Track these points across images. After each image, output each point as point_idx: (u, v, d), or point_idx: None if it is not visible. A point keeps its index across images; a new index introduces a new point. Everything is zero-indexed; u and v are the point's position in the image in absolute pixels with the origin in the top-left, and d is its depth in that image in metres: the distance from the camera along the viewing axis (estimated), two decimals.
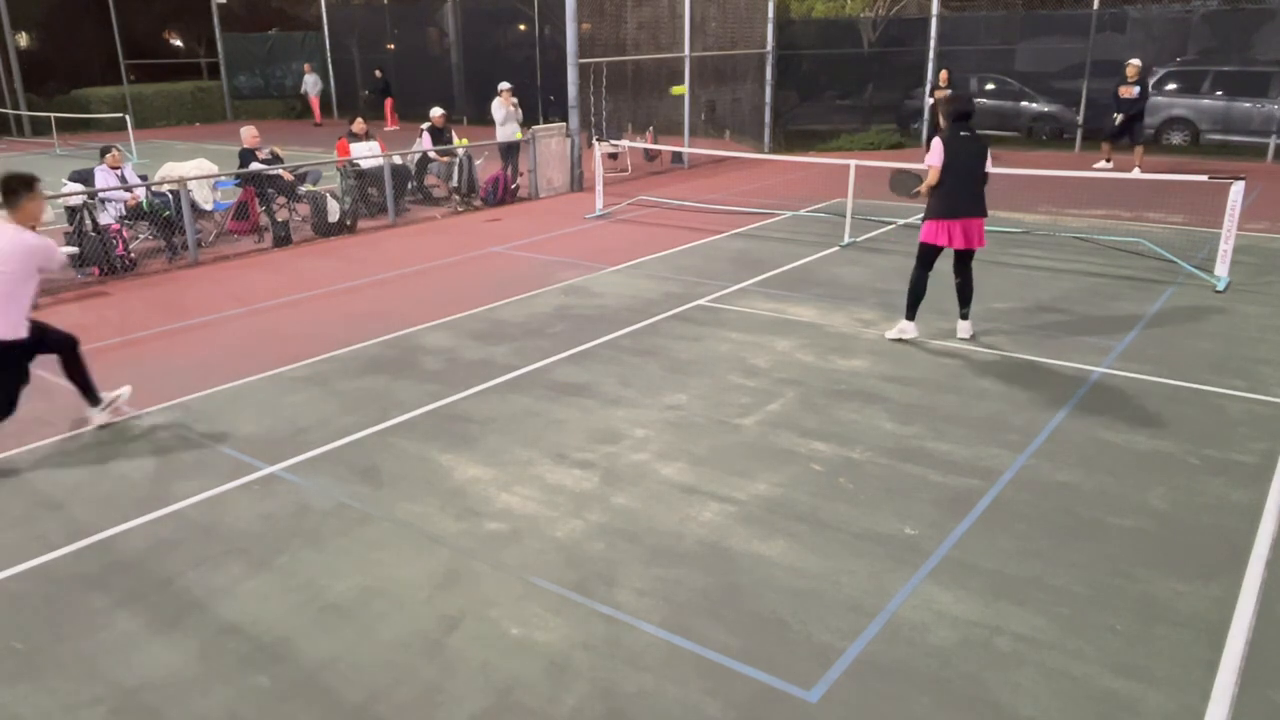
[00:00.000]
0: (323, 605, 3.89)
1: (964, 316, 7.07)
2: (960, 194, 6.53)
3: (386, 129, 22.22)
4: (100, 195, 9.94)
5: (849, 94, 20.45)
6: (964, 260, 6.88)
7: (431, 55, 26.84)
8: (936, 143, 6.57)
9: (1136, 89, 14.14)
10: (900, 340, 6.99)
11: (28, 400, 6.24)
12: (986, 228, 6.86)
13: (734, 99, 18.69)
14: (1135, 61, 14.30)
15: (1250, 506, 4.54)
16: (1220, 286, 8.19)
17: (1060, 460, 5.05)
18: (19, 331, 5.19)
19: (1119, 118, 14.35)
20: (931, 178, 6.55)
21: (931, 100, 16.40)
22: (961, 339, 7.03)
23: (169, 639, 3.69)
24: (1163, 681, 3.34)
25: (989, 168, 6.64)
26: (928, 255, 6.81)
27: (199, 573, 4.14)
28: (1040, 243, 10.21)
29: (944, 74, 16.41)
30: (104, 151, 10.12)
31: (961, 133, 6.57)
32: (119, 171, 10.16)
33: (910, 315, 6.99)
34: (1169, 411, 5.67)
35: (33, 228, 5.18)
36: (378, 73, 25.88)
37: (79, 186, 9.90)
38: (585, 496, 4.77)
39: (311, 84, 26.72)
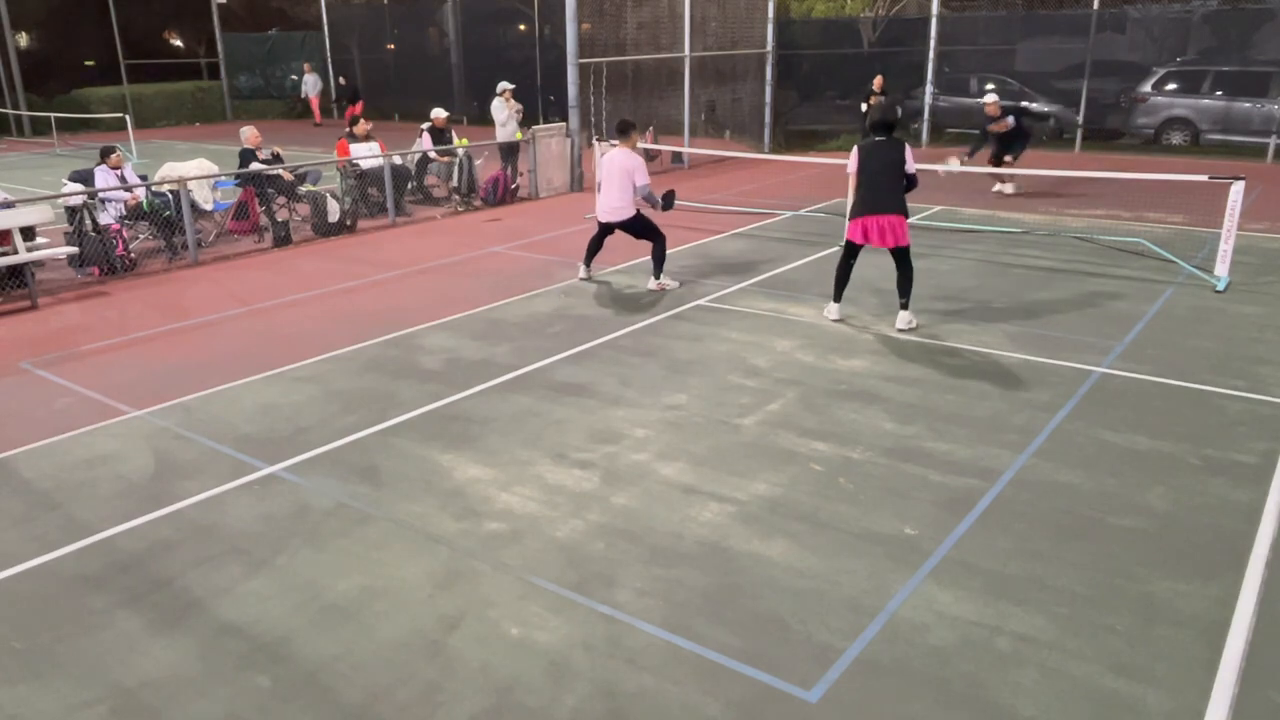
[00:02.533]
0: (323, 605, 3.89)
1: (903, 307, 7.33)
2: (870, 195, 7.10)
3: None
4: (100, 195, 9.94)
5: (849, 94, 20.45)
6: (897, 259, 7.22)
7: (431, 55, 26.84)
8: (853, 151, 7.27)
9: (1010, 119, 12.69)
10: (831, 320, 7.61)
11: (27, 401, 6.25)
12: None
13: (734, 99, 18.70)
14: (992, 98, 12.74)
15: (1250, 506, 4.54)
16: (1220, 286, 8.19)
17: (1060, 460, 5.05)
18: (630, 213, 8.57)
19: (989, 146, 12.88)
20: (850, 183, 7.32)
21: (865, 108, 15.50)
22: (899, 330, 7.25)
23: (169, 639, 3.69)
24: (1163, 681, 3.34)
25: (910, 167, 7.11)
26: (846, 248, 7.49)
27: (199, 573, 4.14)
28: (1040, 243, 10.21)
29: (878, 80, 15.79)
30: (106, 152, 10.12)
31: (877, 138, 7.17)
32: (119, 172, 10.16)
33: (835, 298, 7.66)
34: (1169, 411, 5.67)
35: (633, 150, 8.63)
36: (342, 80, 26.32)
37: (79, 186, 9.90)
38: (585, 496, 4.77)
39: (311, 84, 26.71)
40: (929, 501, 4.64)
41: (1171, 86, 16.96)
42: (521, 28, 24.77)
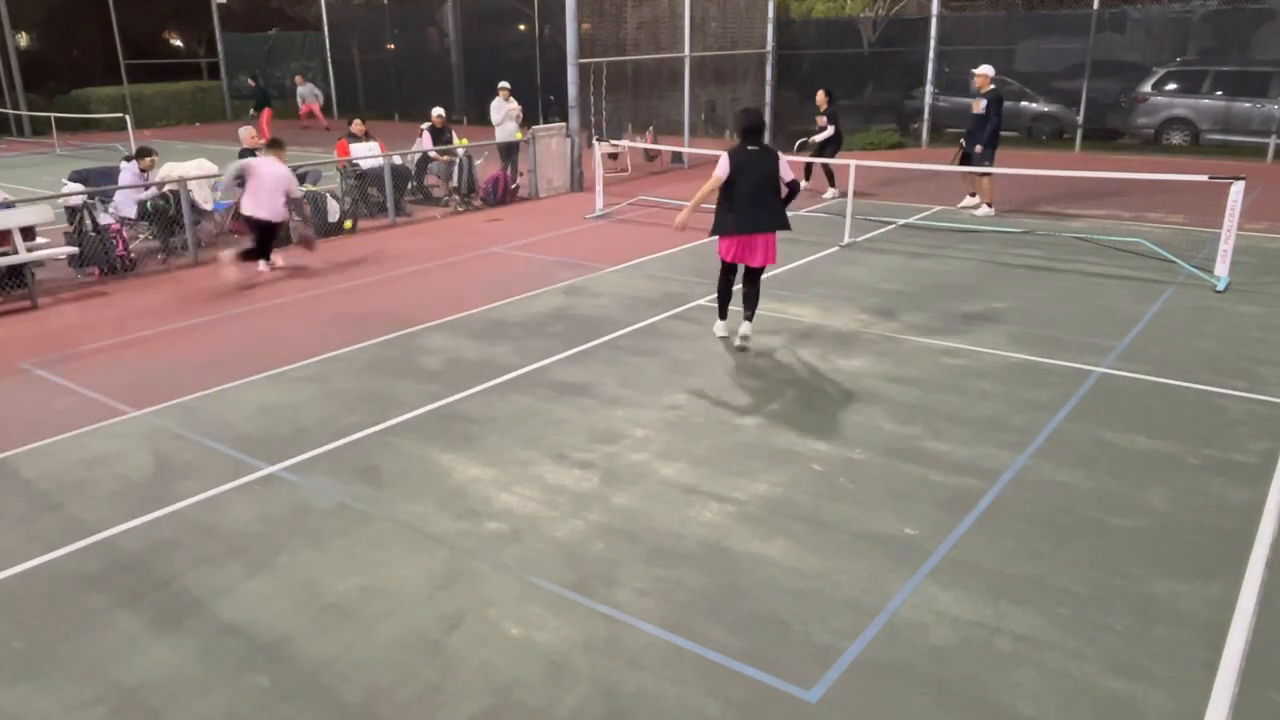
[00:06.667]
0: (323, 605, 3.89)
1: (747, 319, 6.93)
2: (748, 209, 6.48)
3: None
4: (117, 190, 10.00)
5: (849, 94, 20.45)
6: (751, 275, 6.85)
7: (431, 55, 26.83)
8: (724, 157, 6.49)
9: (984, 102, 11.08)
10: (721, 337, 7.12)
11: (27, 401, 6.26)
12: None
13: (734, 99, 18.68)
14: (985, 69, 11.22)
15: (1250, 506, 4.54)
16: (1220, 286, 8.19)
17: (1060, 460, 5.05)
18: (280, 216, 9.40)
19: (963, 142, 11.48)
20: (707, 186, 6.58)
21: (801, 141, 13.14)
22: (738, 342, 6.91)
23: (169, 639, 3.69)
24: (1163, 681, 3.34)
25: (785, 174, 6.59)
26: (725, 268, 6.91)
27: (199, 573, 4.14)
28: (1040, 243, 10.21)
29: (820, 95, 12.72)
30: (142, 153, 10.17)
31: (749, 147, 6.51)
32: (145, 175, 10.21)
33: (721, 315, 7.16)
34: (1169, 411, 5.67)
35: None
36: (250, 81, 24.86)
37: (79, 186, 9.90)
38: (585, 496, 4.77)
39: (309, 93, 26.10)
40: (929, 501, 4.64)
41: (1171, 86, 16.95)
42: (521, 28, 24.77)
